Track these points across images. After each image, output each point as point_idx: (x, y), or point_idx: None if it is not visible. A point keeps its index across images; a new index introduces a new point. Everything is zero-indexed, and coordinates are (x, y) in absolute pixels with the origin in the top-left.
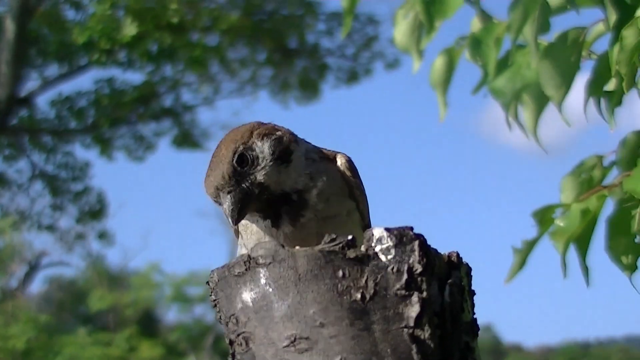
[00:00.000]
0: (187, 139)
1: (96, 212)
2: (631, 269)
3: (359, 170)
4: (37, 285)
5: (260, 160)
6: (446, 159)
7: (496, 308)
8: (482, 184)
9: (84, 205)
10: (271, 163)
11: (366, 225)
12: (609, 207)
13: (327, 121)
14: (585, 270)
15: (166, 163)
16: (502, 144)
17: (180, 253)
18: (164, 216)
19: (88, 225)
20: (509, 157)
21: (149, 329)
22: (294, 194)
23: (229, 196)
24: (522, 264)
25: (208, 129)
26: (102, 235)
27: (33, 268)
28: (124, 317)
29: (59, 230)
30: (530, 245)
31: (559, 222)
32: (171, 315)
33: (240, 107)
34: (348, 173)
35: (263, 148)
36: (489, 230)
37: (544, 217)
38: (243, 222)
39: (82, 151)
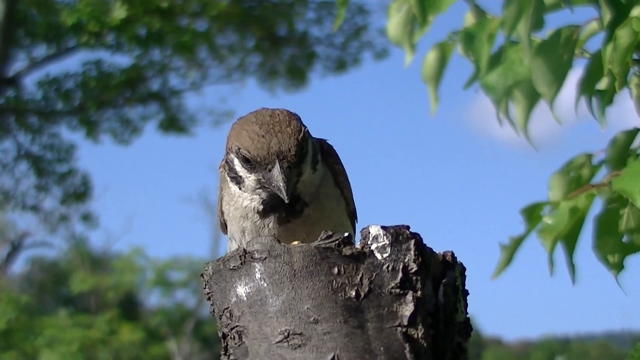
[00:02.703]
0: (173, 124)
1: (80, 194)
2: (617, 268)
3: (344, 160)
4: (18, 266)
5: (307, 155)
6: (434, 152)
7: (476, 301)
8: (468, 178)
9: (68, 186)
10: (310, 163)
11: (352, 211)
12: (597, 206)
13: (314, 110)
14: (572, 268)
15: (152, 147)
16: (491, 138)
17: (163, 238)
18: (148, 200)
19: (72, 207)
20: (497, 152)
21: (130, 312)
22: (298, 203)
23: (288, 170)
24: (509, 260)
25: (195, 114)
26: (86, 218)
27: (15, 248)
28: (105, 300)
29: (42, 211)
30: (518, 241)
31: (547, 220)
32: (153, 299)
33: (227, 94)
34: (332, 160)
35: (309, 145)
36: (473, 224)
37: (532, 214)
38: (232, 211)
39: (68, 133)
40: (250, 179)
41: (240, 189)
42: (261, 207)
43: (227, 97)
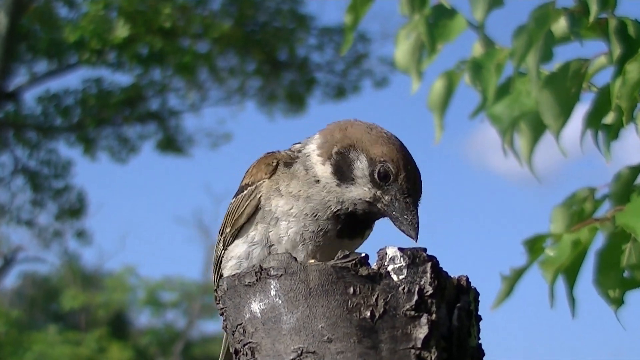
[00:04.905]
0: (171, 144)
1: (76, 210)
2: (618, 303)
3: None
4: (10, 280)
5: None
6: (431, 181)
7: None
8: (466, 208)
9: (64, 203)
10: None
11: None
12: (599, 240)
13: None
14: (572, 301)
15: (149, 167)
16: (488, 168)
17: (155, 258)
18: (142, 220)
19: (66, 223)
20: (495, 182)
21: (119, 331)
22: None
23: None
24: (509, 291)
25: (192, 136)
26: (80, 234)
27: (8, 262)
28: (96, 318)
29: (37, 226)
30: (519, 273)
31: (549, 252)
32: (143, 319)
33: (226, 116)
34: None
35: None
36: (472, 255)
37: (534, 245)
38: (278, 208)
39: (66, 149)
40: (366, 190)
41: (337, 185)
42: (343, 216)
43: (225, 119)
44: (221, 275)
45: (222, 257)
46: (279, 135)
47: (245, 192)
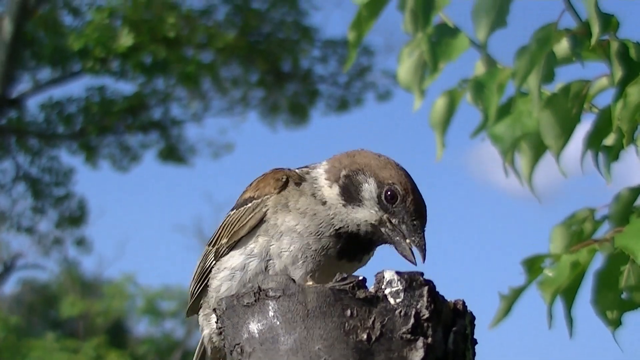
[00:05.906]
0: (172, 154)
1: (76, 218)
2: (615, 324)
3: None
4: (9, 287)
5: None
6: (432, 195)
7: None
8: (468, 222)
9: (64, 210)
10: None
11: None
12: (597, 261)
13: (314, 148)
14: (570, 321)
15: (150, 176)
16: (490, 183)
17: (155, 266)
18: (142, 228)
19: (67, 230)
20: (497, 196)
21: (117, 339)
22: (368, 253)
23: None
24: (507, 310)
25: (194, 145)
26: (80, 242)
27: (8, 269)
28: (94, 326)
29: (37, 233)
30: (517, 292)
31: (548, 272)
32: (141, 327)
33: (228, 126)
34: None
35: None
36: (473, 270)
37: (533, 265)
38: (284, 224)
39: (68, 157)
40: (373, 212)
41: (344, 206)
42: (345, 235)
43: (227, 129)
44: (206, 287)
45: (212, 268)
46: (281, 146)
47: (250, 204)
